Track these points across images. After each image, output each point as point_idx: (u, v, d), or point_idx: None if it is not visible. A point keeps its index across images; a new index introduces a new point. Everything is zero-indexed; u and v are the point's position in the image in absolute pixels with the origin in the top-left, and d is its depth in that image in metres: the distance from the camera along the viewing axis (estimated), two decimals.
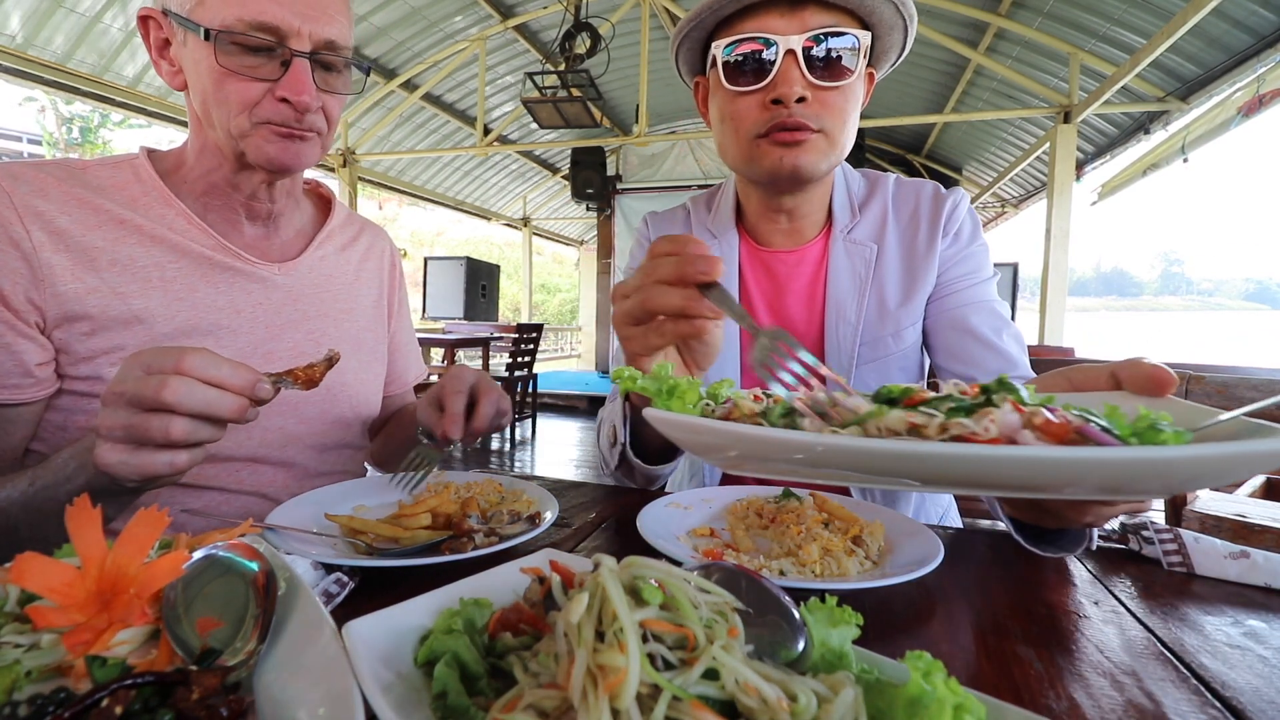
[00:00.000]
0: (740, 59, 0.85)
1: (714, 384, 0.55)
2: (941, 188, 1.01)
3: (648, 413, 0.47)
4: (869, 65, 0.91)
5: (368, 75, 0.83)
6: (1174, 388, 0.46)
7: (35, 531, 0.62)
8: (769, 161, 0.87)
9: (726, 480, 1.04)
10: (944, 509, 1.04)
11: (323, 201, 1.01)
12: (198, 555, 0.40)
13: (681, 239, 0.60)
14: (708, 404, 0.51)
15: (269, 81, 0.73)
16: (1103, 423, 0.37)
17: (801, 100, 0.83)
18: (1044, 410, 0.36)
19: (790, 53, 0.82)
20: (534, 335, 6.16)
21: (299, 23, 0.72)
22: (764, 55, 0.83)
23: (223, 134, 0.76)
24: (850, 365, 0.96)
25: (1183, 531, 0.64)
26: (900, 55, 0.92)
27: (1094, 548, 0.67)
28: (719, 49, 0.86)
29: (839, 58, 0.83)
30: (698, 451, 0.47)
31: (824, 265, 0.99)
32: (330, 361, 0.64)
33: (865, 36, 0.84)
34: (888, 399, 0.44)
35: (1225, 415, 0.39)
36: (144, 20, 0.78)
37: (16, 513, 0.62)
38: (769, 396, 0.52)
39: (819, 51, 0.82)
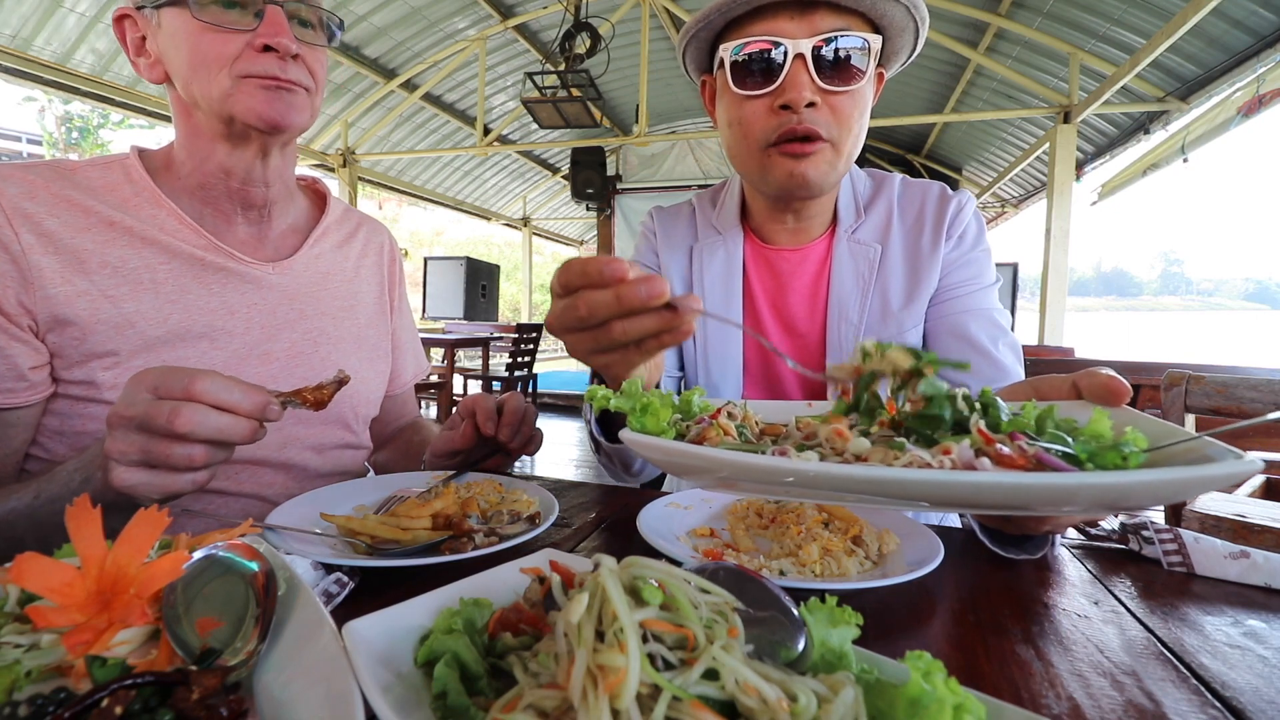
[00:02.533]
0: (748, 62, 0.84)
1: (686, 393, 0.55)
2: (948, 189, 1.00)
3: (624, 435, 0.47)
4: (879, 66, 0.90)
5: (342, 30, 0.83)
6: (1127, 397, 0.50)
7: (41, 545, 0.62)
8: (780, 174, 0.87)
9: None
10: (942, 513, 1.04)
11: (318, 198, 0.99)
12: (198, 555, 0.40)
13: (590, 265, 0.51)
14: (682, 421, 0.52)
15: (246, 32, 0.73)
16: (1064, 449, 0.40)
17: (811, 105, 0.82)
18: (1001, 446, 0.39)
19: (800, 56, 0.81)
20: (534, 335, 6.17)
21: None
22: (773, 58, 0.82)
23: (206, 102, 0.75)
24: None
25: (1183, 531, 0.64)
26: (911, 56, 0.91)
27: (1057, 551, 0.67)
28: (726, 51, 0.85)
29: (849, 61, 0.82)
30: (673, 472, 0.49)
31: (827, 264, 0.98)
32: (340, 383, 0.64)
33: (875, 40, 0.83)
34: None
35: (1186, 435, 0.42)
36: (119, 21, 0.77)
37: (23, 525, 0.62)
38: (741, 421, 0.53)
39: (828, 55, 0.81)
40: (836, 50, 0.81)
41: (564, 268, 0.52)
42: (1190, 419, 1.49)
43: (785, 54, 0.81)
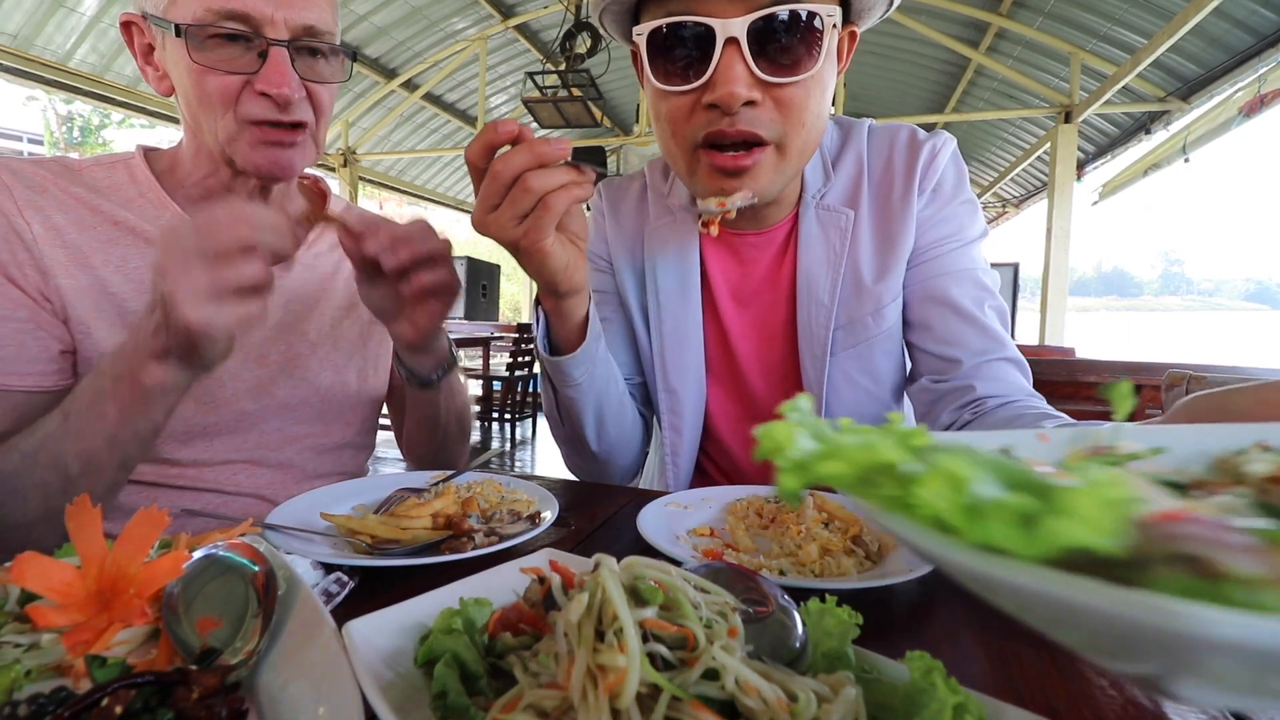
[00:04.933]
0: (668, 48, 0.68)
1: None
2: (919, 132, 0.85)
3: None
4: (849, 23, 0.75)
5: (354, 60, 0.80)
6: None
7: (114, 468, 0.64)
8: (712, 187, 0.73)
9: (697, 479, 0.99)
10: None
11: (319, 197, 0.99)
12: (198, 555, 0.40)
13: (485, 132, 0.59)
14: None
15: (247, 75, 0.70)
16: None
17: (750, 104, 0.67)
18: None
19: (732, 42, 0.65)
20: (535, 335, 6.16)
21: (271, 9, 0.69)
22: (698, 45, 0.66)
23: (211, 138, 0.75)
24: (824, 353, 0.84)
25: None
26: (890, 6, 0.75)
27: None
28: (641, 36, 0.70)
29: (798, 41, 0.66)
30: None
31: (793, 239, 0.85)
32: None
33: (830, 8, 0.67)
34: None
35: None
36: (126, 26, 0.75)
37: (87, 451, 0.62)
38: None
39: (771, 36, 0.65)
40: (781, 29, 0.65)
41: (470, 149, 0.59)
42: None
43: (714, 39, 0.65)
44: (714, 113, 0.69)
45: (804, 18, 0.66)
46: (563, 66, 5.36)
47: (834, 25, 0.69)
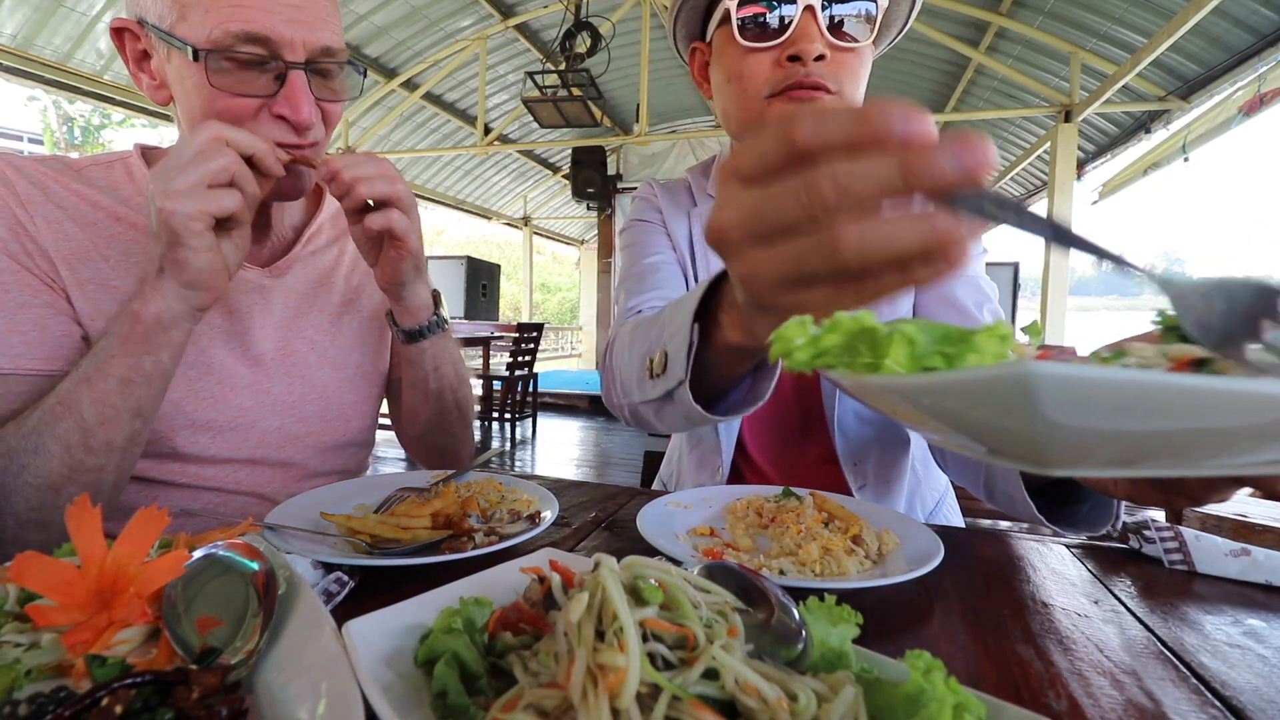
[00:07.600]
0: (756, 14, 0.83)
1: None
2: None
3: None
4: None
5: (364, 77, 0.78)
6: None
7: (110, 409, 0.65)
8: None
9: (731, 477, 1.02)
10: (939, 495, 1.03)
11: (315, 192, 0.98)
12: (198, 554, 0.40)
13: (866, 113, 0.31)
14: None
15: (264, 97, 0.69)
16: None
17: (820, 59, 0.81)
18: None
19: (810, 8, 0.80)
20: (534, 335, 6.17)
21: (290, 31, 0.67)
22: (782, 9, 0.81)
23: None
24: None
25: (1184, 529, 0.64)
26: (900, 31, 0.90)
27: (1118, 528, 0.64)
28: (733, 2, 0.84)
29: (857, 19, 0.82)
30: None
31: None
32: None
33: (882, 1, 0.83)
34: None
35: None
36: (118, 33, 0.73)
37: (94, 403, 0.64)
38: None
39: (838, 11, 0.81)
40: (846, 8, 0.82)
41: (791, 120, 0.32)
42: None
43: (796, 6, 0.81)
44: (791, 66, 0.82)
45: (860, 2, 0.82)
46: (563, 66, 5.36)
47: (877, 18, 0.83)
